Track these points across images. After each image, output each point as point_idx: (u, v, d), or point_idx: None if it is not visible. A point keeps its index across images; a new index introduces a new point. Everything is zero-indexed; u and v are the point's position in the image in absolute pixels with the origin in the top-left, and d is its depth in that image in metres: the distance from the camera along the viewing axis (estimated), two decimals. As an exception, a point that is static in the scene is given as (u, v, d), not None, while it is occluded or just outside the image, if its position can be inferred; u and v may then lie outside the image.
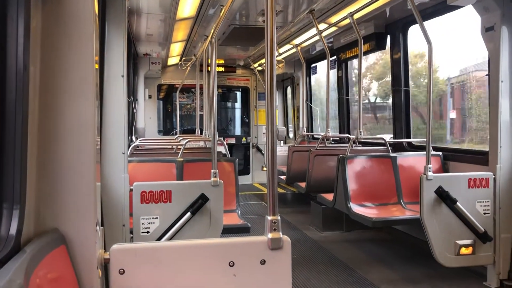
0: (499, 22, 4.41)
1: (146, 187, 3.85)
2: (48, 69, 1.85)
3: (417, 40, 7.12)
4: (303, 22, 7.14)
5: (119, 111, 3.84)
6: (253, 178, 12.30)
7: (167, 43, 8.71)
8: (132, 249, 2.05)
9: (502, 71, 4.46)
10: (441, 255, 4.45)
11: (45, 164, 1.85)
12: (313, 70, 10.75)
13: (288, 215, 8.06)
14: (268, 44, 2.13)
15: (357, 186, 5.86)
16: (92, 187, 1.93)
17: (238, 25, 7.25)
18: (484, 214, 4.53)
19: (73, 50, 1.89)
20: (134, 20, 6.95)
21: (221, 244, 2.14)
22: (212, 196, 3.92)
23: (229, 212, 5.06)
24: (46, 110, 1.85)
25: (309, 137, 10.11)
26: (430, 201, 4.42)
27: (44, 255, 1.63)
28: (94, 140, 1.94)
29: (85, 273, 1.91)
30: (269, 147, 2.15)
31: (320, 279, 4.91)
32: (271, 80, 2.14)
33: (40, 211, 1.83)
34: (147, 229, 3.83)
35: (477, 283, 4.66)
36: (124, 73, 3.82)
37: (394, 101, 7.11)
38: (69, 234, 1.89)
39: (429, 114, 4.54)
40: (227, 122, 13.71)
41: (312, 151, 7.12)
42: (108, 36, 3.81)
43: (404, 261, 5.50)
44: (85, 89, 1.91)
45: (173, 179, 5.25)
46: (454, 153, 5.93)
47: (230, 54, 10.50)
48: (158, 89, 11.78)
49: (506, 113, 4.50)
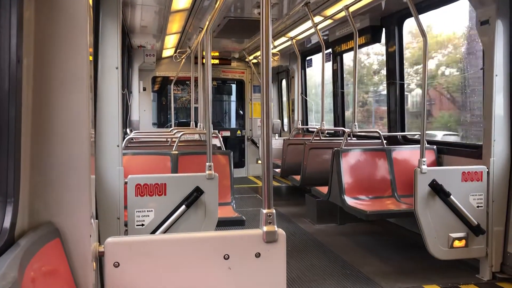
0: (494, 16, 4.41)
1: (141, 180, 3.84)
2: (41, 62, 1.84)
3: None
4: (299, 14, 7.11)
5: (113, 103, 3.82)
6: (248, 171, 12.31)
7: (161, 35, 8.66)
8: (126, 242, 2.05)
9: (496, 65, 4.47)
10: (435, 247, 4.48)
11: (39, 157, 1.84)
12: (308, 63, 10.74)
13: (283, 208, 8.09)
14: (263, 37, 2.12)
15: (352, 179, 5.88)
16: (86, 180, 1.92)
17: (233, 17, 7.22)
18: (477, 207, 4.57)
19: (67, 42, 1.87)
20: (128, 12, 6.90)
21: (216, 237, 2.14)
22: (207, 189, 3.92)
23: (224, 205, 5.06)
24: (40, 103, 1.84)
25: (304, 130, 10.12)
26: (424, 194, 4.45)
27: (38, 248, 1.62)
28: (89, 132, 1.93)
29: (80, 266, 1.91)
30: (264, 140, 2.14)
31: (314, 271, 4.94)
32: (267, 73, 2.13)
33: (34, 205, 1.82)
34: (141, 222, 3.83)
35: (469, 276, 4.70)
36: (119, 65, 3.80)
37: (388, 94, 7.12)
38: (64, 227, 1.89)
39: (423, 108, 4.55)
40: (222, 115, 13.69)
41: (307, 144, 7.12)
42: (102, 27, 3.78)
43: (397, 253, 5.54)
44: (79, 81, 1.90)
45: (168, 172, 5.24)
46: (448, 147, 5.96)
47: (225, 46, 10.46)
48: (152, 82, 11.73)
49: (500, 107, 4.52)
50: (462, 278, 4.64)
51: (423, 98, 4.56)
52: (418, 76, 8.90)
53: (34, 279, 1.50)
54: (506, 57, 4.50)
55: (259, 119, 12.24)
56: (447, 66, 9.02)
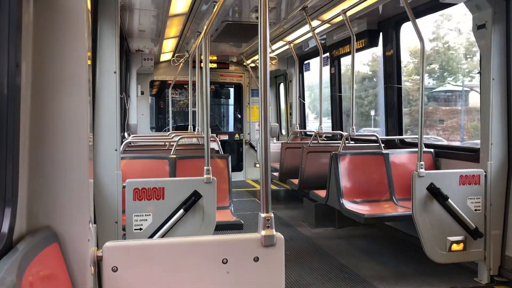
0: (490, 20, 4.43)
1: (139, 184, 3.83)
2: (40, 65, 1.84)
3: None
4: (296, 19, 7.13)
5: (111, 107, 3.82)
6: (245, 175, 12.30)
7: (159, 39, 8.67)
8: (125, 247, 2.04)
9: (493, 68, 4.49)
10: (433, 251, 4.48)
11: (37, 161, 1.84)
12: (305, 67, 10.76)
13: (281, 212, 8.08)
14: (261, 41, 2.13)
15: (350, 183, 5.88)
16: (84, 184, 1.92)
17: (231, 22, 7.23)
18: (475, 210, 4.57)
19: (65, 46, 1.87)
20: (126, 16, 6.91)
21: (214, 242, 2.14)
22: (205, 193, 3.92)
23: (222, 209, 5.06)
24: (38, 107, 1.84)
25: (301, 133, 10.12)
26: (421, 198, 4.45)
27: (37, 253, 1.62)
28: (87, 136, 1.93)
29: (78, 270, 1.90)
30: (263, 144, 2.15)
31: (312, 275, 4.93)
32: (265, 77, 2.14)
33: (32, 209, 1.82)
34: (139, 226, 3.82)
35: (467, 279, 4.70)
36: (117, 69, 3.80)
37: (386, 98, 7.14)
38: (62, 232, 1.88)
39: (421, 111, 4.56)
40: (220, 119, 13.69)
41: (305, 147, 7.13)
42: (100, 32, 3.79)
43: (395, 257, 5.54)
44: (78, 85, 1.90)
45: (166, 176, 5.23)
46: (446, 150, 5.97)
47: (223, 50, 10.47)
48: (150, 85, 11.73)
49: (497, 111, 4.54)
50: (460, 282, 4.64)
51: (421, 102, 4.57)
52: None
53: (33, 284, 1.50)
54: (503, 60, 4.52)
55: (257, 123, 12.25)
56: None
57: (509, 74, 4.53)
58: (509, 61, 4.53)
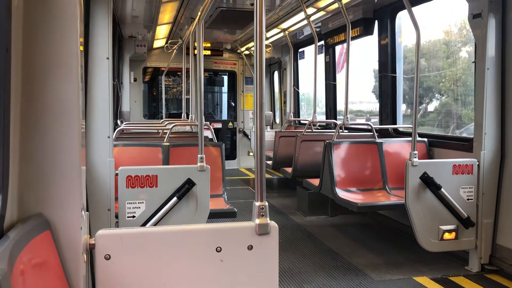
0: (486, 9, 4.42)
1: (132, 172, 3.81)
2: (30, 51, 1.80)
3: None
4: (291, 5, 7.08)
5: (104, 94, 3.78)
6: (239, 163, 12.30)
7: (153, 25, 8.58)
8: (117, 235, 2.03)
9: (488, 58, 4.49)
10: (425, 240, 4.52)
11: (29, 148, 1.81)
12: (300, 55, 10.71)
13: (274, 200, 8.10)
14: (257, 28, 2.10)
15: (343, 172, 5.89)
16: (77, 171, 1.89)
17: (226, 8, 7.16)
18: (468, 200, 4.60)
19: (57, 31, 1.84)
20: (119, 1, 6.82)
21: (208, 230, 2.13)
22: (199, 181, 3.91)
23: (215, 197, 5.05)
24: (29, 93, 1.80)
25: (295, 122, 10.11)
26: (414, 187, 4.47)
27: (28, 241, 1.60)
28: (79, 123, 1.90)
29: (70, 258, 1.89)
30: (257, 133, 2.13)
31: (305, 263, 4.96)
32: (260, 65, 2.11)
33: (23, 196, 1.80)
34: (132, 214, 3.81)
35: (459, 268, 4.75)
36: (109, 55, 3.76)
37: (381, 87, 7.13)
38: (54, 219, 1.86)
39: (415, 100, 4.56)
40: (214, 107, 13.64)
41: (299, 136, 7.12)
42: (92, 17, 3.73)
43: (388, 245, 5.58)
44: (69, 71, 1.87)
45: (159, 163, 5.21)
46: (439, 140, 5.99)
47: (217, 37, 10.39)
48: (143, 72, 11.64)
49: (491, 101, 4.54)
50: (452, 270, 4.68)
51: (416, 91, 4.57)
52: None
53: (24, 272, 1.48)
54: (498, 50, 4.52)
55: (251, 111, 12.21)
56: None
57: (504, 64, 4.53)
58: (504, 51, 4.52)
